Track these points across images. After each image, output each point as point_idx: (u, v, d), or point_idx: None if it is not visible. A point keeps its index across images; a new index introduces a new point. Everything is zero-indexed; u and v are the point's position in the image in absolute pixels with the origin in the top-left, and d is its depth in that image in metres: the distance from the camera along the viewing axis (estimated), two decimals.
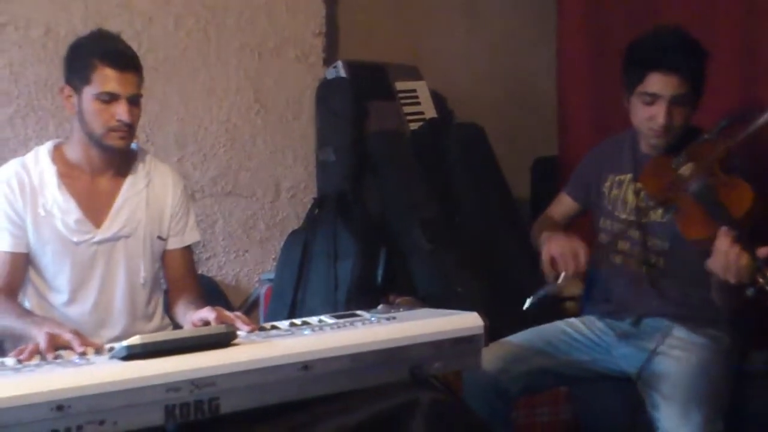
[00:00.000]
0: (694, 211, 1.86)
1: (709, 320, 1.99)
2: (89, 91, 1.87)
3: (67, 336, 1.55)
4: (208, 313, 1.71)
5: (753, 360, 2.09)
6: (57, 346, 1.54)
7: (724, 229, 1.74)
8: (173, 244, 2.06)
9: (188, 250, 2.09)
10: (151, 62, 2.73)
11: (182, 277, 2.06)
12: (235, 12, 2.87)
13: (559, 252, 1.88)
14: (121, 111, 1.87)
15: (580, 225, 2.29)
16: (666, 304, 2.02)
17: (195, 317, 1.76)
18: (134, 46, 2.63)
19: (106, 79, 1.86)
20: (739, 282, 1.71)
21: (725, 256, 1.72)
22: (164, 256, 2.06)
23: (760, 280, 1.69)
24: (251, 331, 1.61)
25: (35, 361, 1.44)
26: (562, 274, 1.85)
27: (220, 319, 1.68)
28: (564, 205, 2.27)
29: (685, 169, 1.91)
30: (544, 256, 1.89)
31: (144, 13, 2.73)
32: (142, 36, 2.72)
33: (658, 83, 1.94)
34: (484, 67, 3.46)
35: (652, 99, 1.96)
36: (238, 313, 1.71)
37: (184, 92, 2.81)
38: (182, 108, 2.81)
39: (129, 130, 1.91)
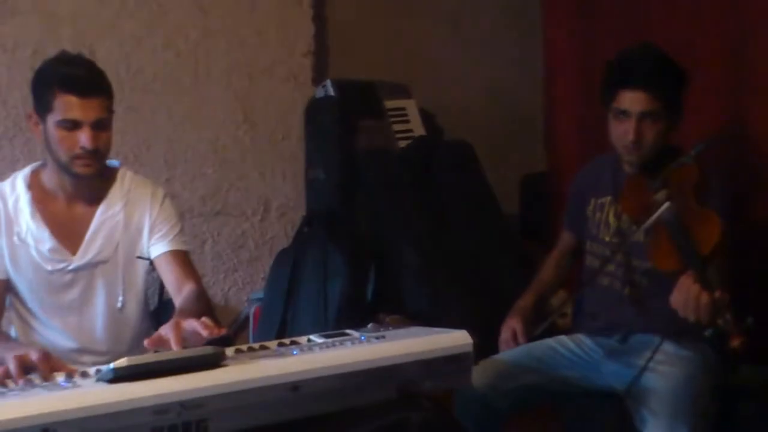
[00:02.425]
0: (665, 243, 1.86)
1: (696, 334, 2.00)
2: (52, 119, 1.82)
3: (34, 357, 1.50)
4: (165, 331, 1.59)
5: (742, 375, 2.10)
6: (27, 367, 1.50)
7: (689, 270, 1.76)
8: (158, 249, 1.96)
9: (178, 254, 1.97)
10: (140, 83, 2.74)
11: (180, 279, 1.94)
12: (223, 32, 2.89)
13: (502, 338, 2.12)
14: (84, 138, 1.81)
15: None
16: (652, 321, 2.02)
17: (152, 338, 1.61)
18: (123, 68, 2.69)
19: (67, 106, 1.80)
20: (698, 322, 1.73)
21: (686, 295, 1.73)
22: (156, 267, 1.99)
23: (719, 322, 1.70)
24: (213, 335, 1.54)
25: (20, 384, 1.43)
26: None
27: (177, 337, 1.56)
28: (564, 240, 2.32)
29: (660, 195, 1.91)
30: (500, 343, 2.15)
31: (133, 34, 2.74)
32: (131, 57, 2.73)
33: (627, 99, 1.99)
34: (473, 84, 3.49)
35: (624, 115, 2.00)
36: (203, 320, 1.59)
37: (173, 112, 2.81)
38: (171, 128, 2.81)
39: (94, 156, 1.84)
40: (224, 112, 2.89)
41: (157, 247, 1.98)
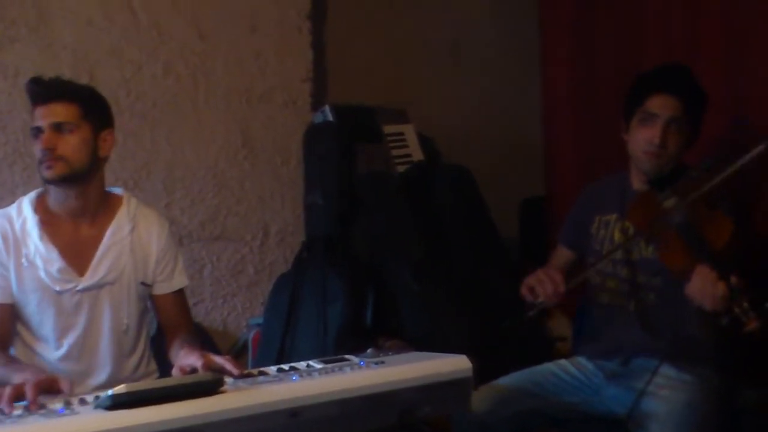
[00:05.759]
0: (676, 243, 1.90)
1: (698, 358, 1.99)
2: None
3: (27, 389, 1.50)
4: (195, 361, 1.70)
5: (744, 398, 2.09)
6: (21, 397, 1.51)
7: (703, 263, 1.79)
8: (161, 289, 2.04)
9: (179, 293, 2.08)
10: (140, 109, 2.76)
11: (175, 321, 2.04)
12: (223, 58, 2.90)
13: (537, 279, 1.99)
14: (40, 140, 1.87)
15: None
16: (655, 342, 2.02)
17: (183, 362, 1.74)
18: (123, 93, 2.70)
19: (34, 116, 1.91)
20: (715, 310, 1.75)
21: (702, 282, 1.77)
22: (155, 302, 2.06)
23: (736, 309, 1.73)
24: (240, 375, 1.59)
25: (18, 411, 1.42)
26: (540, 299, 1.96)
27: (207, 366, 1.66)
28: (560, 255, 2.31)
29: (670, 203, 1.96)
30: (523, 285, 2.00)
31: (133, 60, 2.75)
32: (131, 83, 2.74)
33: (657, 103, 2.04)
34: (471, 108, 3.50)
35: (651, 119, 2.03)
36: (227, 358, 1.70)
37: (172, 138, 2.82)
38: (171, 153, 2.82)
39: (53, 158, 1.86)
40: (223, 138, 2.90)
41: (160, 287, 2.04)
